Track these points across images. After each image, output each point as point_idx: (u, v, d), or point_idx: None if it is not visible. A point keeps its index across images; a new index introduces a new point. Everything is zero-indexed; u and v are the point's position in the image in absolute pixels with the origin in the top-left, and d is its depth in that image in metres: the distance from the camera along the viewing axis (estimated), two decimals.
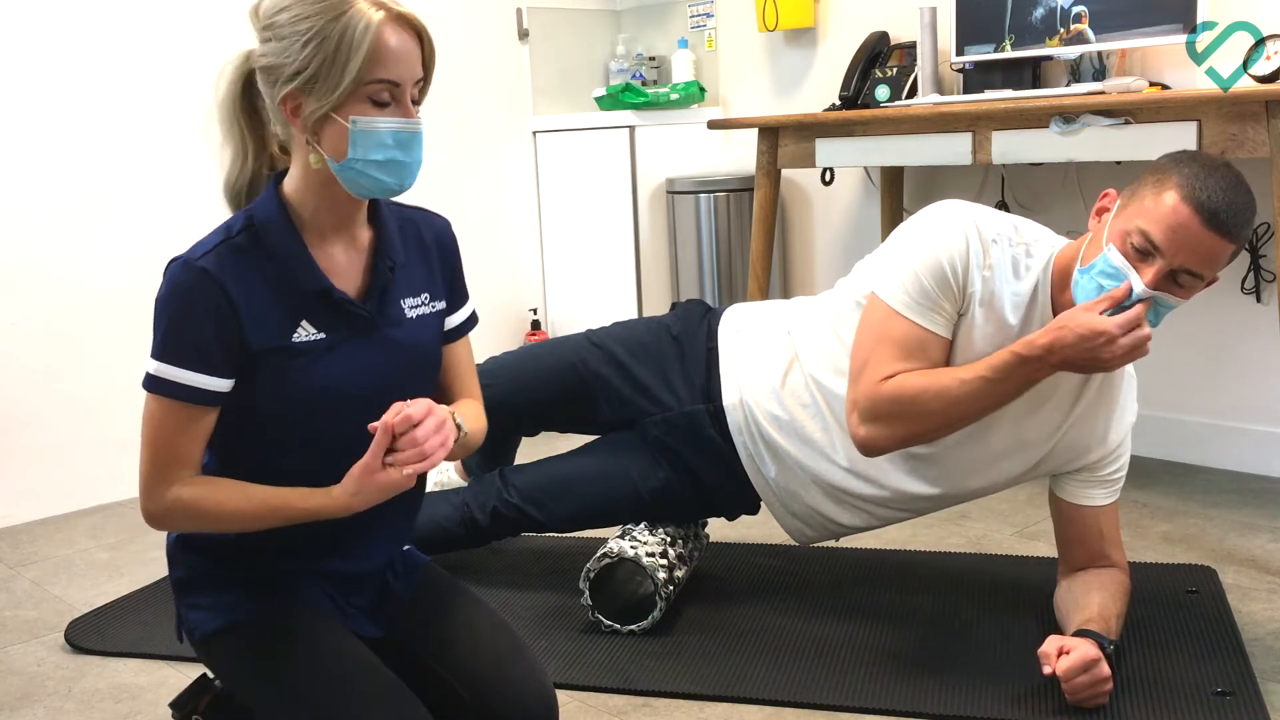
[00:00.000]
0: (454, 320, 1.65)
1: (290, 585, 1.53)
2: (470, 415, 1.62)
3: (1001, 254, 1.89)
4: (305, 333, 1.46)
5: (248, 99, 1.49)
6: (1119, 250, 1.76)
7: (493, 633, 1.61)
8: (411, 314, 1.56)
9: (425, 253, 1.60)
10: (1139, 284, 1.73)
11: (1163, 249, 1.72)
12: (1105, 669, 1.74)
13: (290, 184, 1.48)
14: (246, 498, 1.43)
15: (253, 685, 1.49)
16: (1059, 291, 1.88)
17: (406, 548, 1.70)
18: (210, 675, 1.61)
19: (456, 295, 1.65)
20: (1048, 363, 1.78)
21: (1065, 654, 1.74)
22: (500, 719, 1.52)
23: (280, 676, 1.46)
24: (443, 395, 1.67)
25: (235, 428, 1.46)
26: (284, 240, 1.46)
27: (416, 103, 1.45)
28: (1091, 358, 1.74)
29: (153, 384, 1.41)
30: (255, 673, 1.48)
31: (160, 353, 1.41)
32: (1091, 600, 1.90)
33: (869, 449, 1.91)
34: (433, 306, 1.59)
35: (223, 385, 1.42)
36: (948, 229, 1.89)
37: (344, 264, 1.50)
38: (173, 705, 1.60)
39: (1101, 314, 1.73)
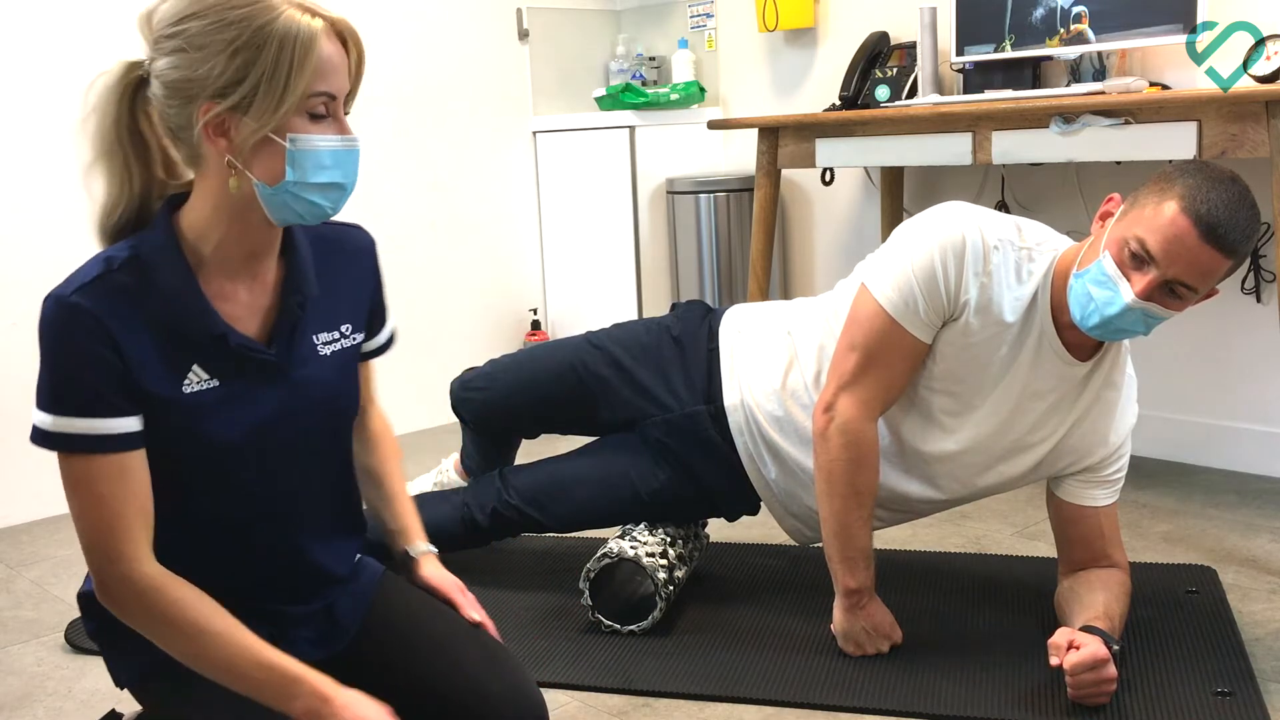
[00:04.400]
0: (371, 345, 1.56)
1: None
2: (393, 464, 1.64)
3: (1003, 260, 1.89)
4: (196, 379, 1.32)
5: (132, 116, 1.32)
6: (1114, 258, 1.76)
7: (465, 645, 1.48)
8: (324, 350, 1.43)
9: (345, 276, 1.46)
10: (1129, 293, 1.74)
11: (1158, 259, 1.72)
12: (1112, 669, 1.73)
13: (193, 214, 1.32)
14: (228, 631, 1.28)
15: None
16: (1059, 294, 1.88)
17: (358, 557, 1.58)
18: (119, 712, 1.49)
19: (377, 317, 1.55)
20: None
21: (1075, 649, 1.74)
22: None
23: (223, 712, 1.33)
24: None
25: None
26: (174, 277, 1.30)
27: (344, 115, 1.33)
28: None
29: (56, 442, 1.25)
30: (194, 712, 1.36)
31: (51, 404, 1.25)
32: (1096, 599, 1.90)
33: (818, 436, 1.96)
34: (352, 339, 1.47)
35: (134, 424, 1.27)
36: (949, 233, 1.89)
37: (246, 302, 1.36)
38: None
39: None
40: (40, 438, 1.27)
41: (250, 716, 1.32)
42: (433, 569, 1.60)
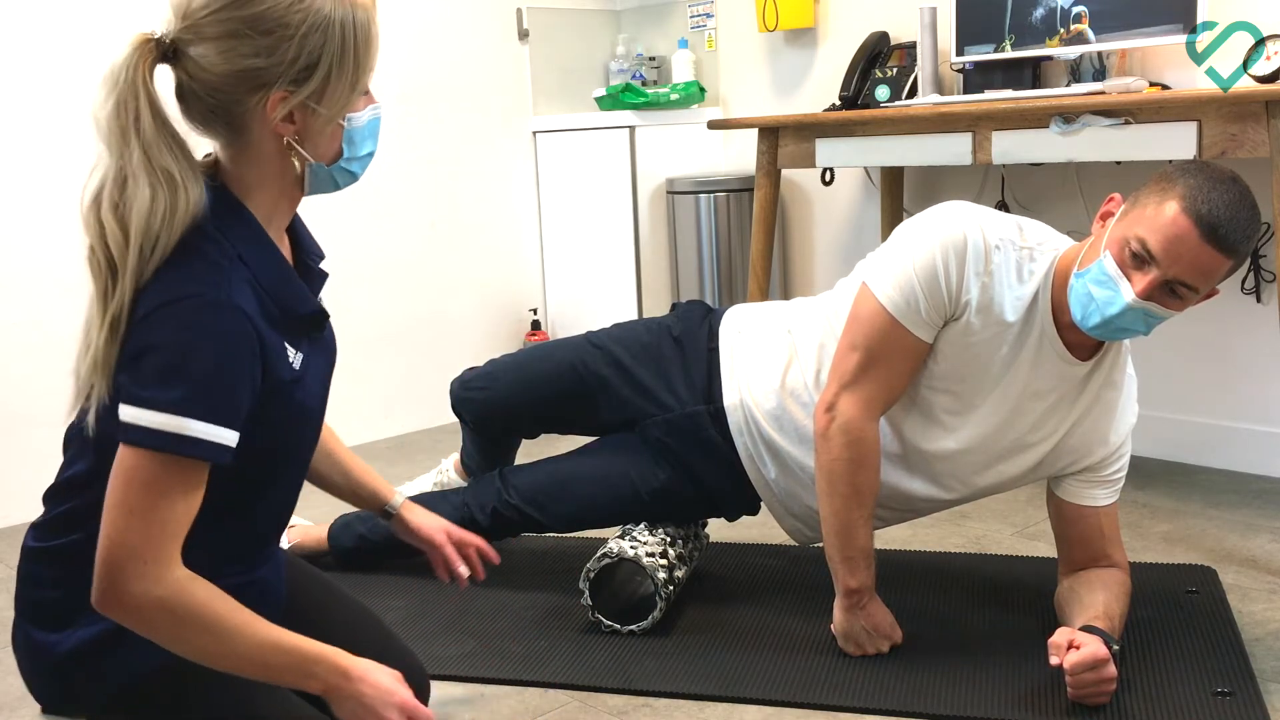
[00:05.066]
0: None
1: None
2: (336, 436, 1.68)
3: (1004, 259, 1.89)
4: (292, 354, 1.33)
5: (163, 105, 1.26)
6: (1115, 258, 1.76)
7: (361, 619, 1.63)
8: (325, 304, 1.48)
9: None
10: (1129, 293, 1.74)
11: (1159, 259, 1.72)
12: (1112, 669, 1.73)
13: (255, 195, 1.31)
14: (251, 623, 1.26)
15: None
16: (1060, 294, 1.89)
17: None
18: None
19: None
20: None
21: (1075, 648, 1.74)
22: None
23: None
24: None
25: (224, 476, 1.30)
26: (275, 265, 1.31)
27: None
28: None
29: (167, 442, 1.19)
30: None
31: (181, 406, 1.19)
32: (1096, 599, 1.90)
33: (820, 435, 1.96)
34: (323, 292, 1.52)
35: (234, 440, 1.25)
36: (950, 233, 1.89)
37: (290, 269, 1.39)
38: None
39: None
40: (156, 439, 1.19)
41: None
42: (419, 518, 1.75)
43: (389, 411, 3.66)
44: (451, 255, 3.83)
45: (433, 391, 3.53)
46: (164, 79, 1.28)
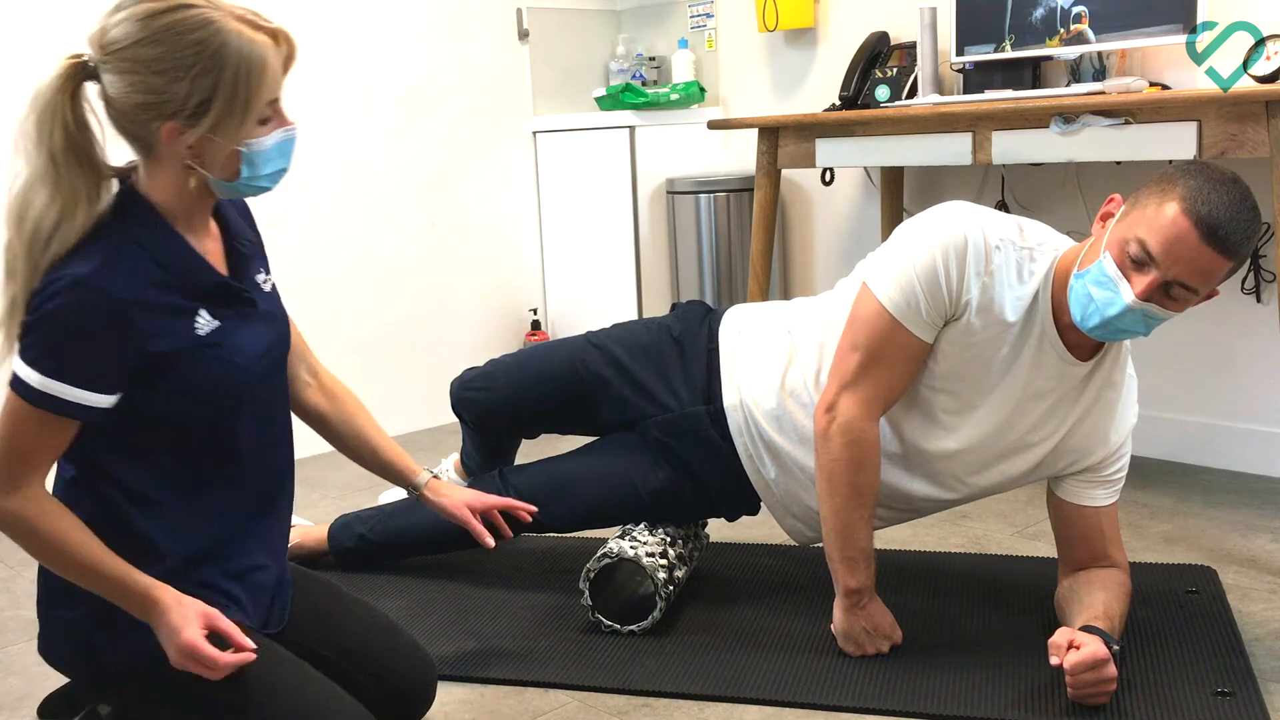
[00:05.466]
0: None
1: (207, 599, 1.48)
2: (369, 415, 1.82)
3: (1005, 260, 1.89)
4: (204, 322, 1.45)
5: (85, 122, 1.41)
6: (1115, 259, 1.76)
7: (367, 616, 1.73)
8: (266, 288, 1.59)
9: (248, 227, 1.62)
10: (1129, 294, 1.74)
11: (1159, 260, 1.72)
12: (1112, 669, 1.73)
13: (157, 194, 1.45)
14: (84, 544, 1.40)
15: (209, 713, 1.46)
16: (1060, 295, 1.89)
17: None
18: (99, 711, 1.53)
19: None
20: None
21: (1075, 648, 1.74)
22: (389, 689, 1.67)
23: (248, 704, 1.44)
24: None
25: (141, 437, 1.45)
26: (174, 247, 1.44)
27: None
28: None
29: (30, 394, 1.36)
30: (210, 701, 1.44)
31: (44, 366, 1.36)
32: (1096, 599, 1.90)
33: (820, 436, 1.96)
34: (272, 280, 1.62)
35: (106, 402, 1.39)
36: (951, 233, 1.89)
37: (211, 251, 1.51)
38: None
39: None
40: (24, 391, 1.37)
41: (222, 716, 1.45)
42: (442, 496, 1.92)
43: (389, 411, 3.66)
44: (451, 255, 3.83)
45: (433, 391, 3.53)
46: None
